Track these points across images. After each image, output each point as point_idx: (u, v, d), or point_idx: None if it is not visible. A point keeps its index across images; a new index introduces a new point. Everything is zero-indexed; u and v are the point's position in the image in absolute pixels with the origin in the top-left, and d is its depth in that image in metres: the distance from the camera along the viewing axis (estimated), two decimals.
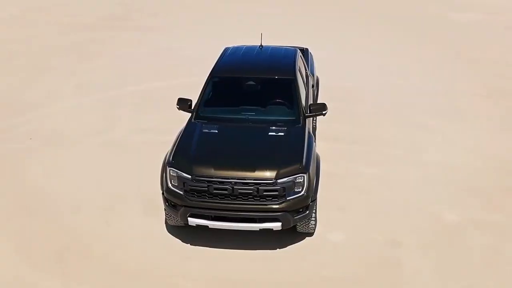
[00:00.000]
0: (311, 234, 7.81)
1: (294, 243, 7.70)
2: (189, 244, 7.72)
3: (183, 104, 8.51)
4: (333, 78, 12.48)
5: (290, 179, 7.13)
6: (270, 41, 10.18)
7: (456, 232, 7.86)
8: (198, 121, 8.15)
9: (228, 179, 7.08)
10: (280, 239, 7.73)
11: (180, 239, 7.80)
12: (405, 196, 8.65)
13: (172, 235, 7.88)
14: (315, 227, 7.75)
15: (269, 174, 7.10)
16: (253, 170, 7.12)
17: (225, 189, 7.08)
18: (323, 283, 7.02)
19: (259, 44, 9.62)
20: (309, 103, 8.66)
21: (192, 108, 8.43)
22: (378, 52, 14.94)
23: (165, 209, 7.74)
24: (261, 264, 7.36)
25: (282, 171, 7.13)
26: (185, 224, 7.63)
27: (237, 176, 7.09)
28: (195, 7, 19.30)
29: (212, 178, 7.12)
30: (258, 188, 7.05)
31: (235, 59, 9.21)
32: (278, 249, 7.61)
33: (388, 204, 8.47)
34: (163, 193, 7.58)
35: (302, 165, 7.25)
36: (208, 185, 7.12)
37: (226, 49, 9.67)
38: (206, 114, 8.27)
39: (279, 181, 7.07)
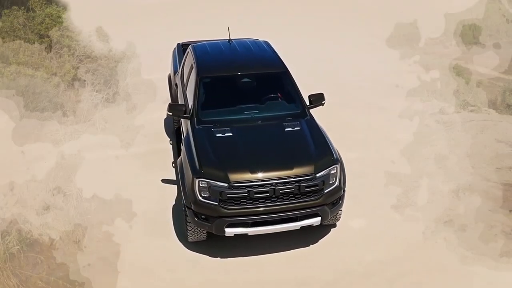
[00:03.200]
0: (334, 225, 8.44)
1: (322, 237, 8.22)
2: (218, 258, 7.82)
3: (177, 110, 8.48)
4: None
5: (326, 172, 7.60)
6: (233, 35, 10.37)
7: (458, 200, 9.04)
8: (203, 126, 8.21)
9: (268, 181, 7.34)
10: (305, 236, 8.14)
11: (206, 255, 7.85)
12: (397, 175, 9.67)
13: (197, 252, 7.89)
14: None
15: (308, 169, 7.48)
16: (291, 168, 7.46)
17: (266, 192, 7.33)
18: (372, 267, 7.65)
19: (228, 39, 9.77)
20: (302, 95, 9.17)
21: (188, 113, 8.47)
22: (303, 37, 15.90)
23: (188, 225, 7.72)
24: (303, 263, 7.75)
25: (318, 164, 7.56)
26: (206, 237, 7.86)
27: (277, 177, 7.37)
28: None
29: (252, 182, 7.32)
30: (299, 185, 7.40)
31: (216, 56, 9.29)
32: (311, 245, 8.11)
33: (386, 184, 9.35)
34: (189, 208, 7.55)
35: (334, 157, 7.78)
36: (249, 191, 7.31)
37: (194, 47, 9.64)
38: (208, 117, 8.31)
39: (317, 175, 7.50)
